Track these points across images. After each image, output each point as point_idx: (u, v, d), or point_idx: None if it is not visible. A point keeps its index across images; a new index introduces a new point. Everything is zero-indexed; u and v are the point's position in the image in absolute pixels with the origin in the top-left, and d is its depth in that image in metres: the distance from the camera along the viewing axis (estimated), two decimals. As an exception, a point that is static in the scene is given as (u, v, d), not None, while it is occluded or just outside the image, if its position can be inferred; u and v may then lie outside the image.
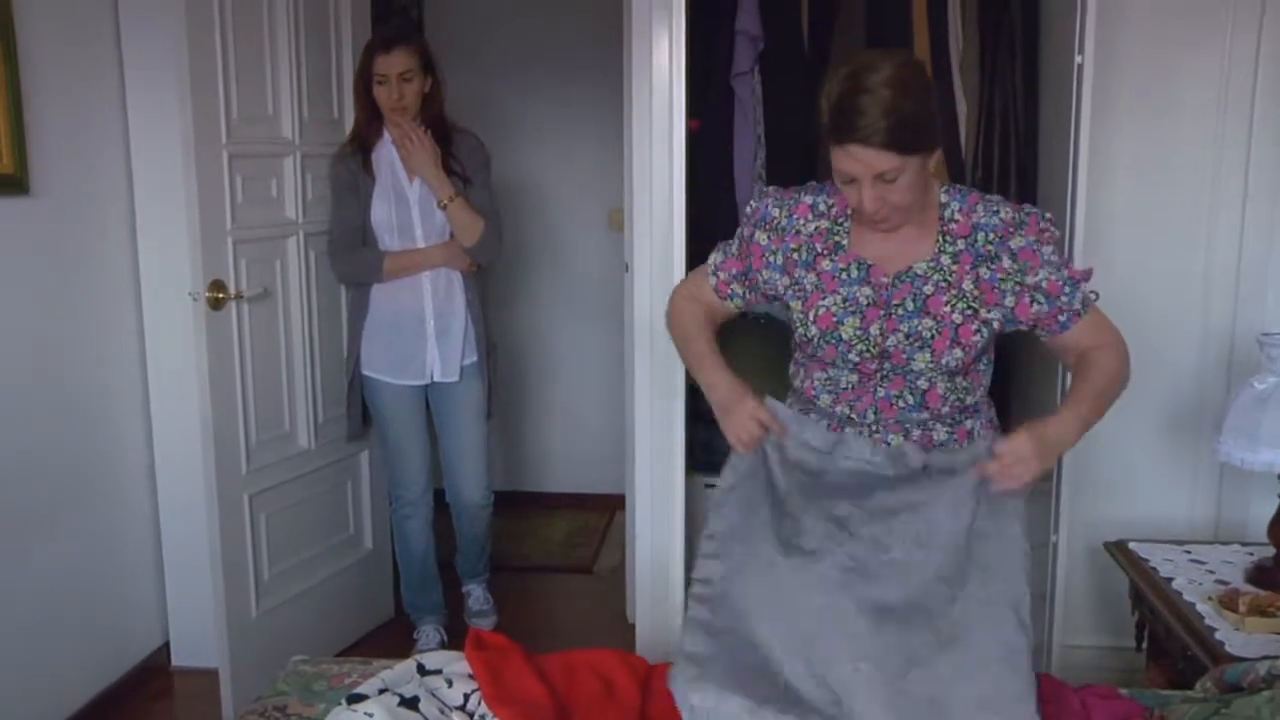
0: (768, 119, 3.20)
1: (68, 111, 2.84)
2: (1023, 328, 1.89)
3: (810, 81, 3.15)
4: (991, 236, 1.83)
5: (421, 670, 1.86)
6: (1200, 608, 2.21)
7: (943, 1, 3.06)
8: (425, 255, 3.11)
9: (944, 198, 1.87)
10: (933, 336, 1.83)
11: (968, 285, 1.83)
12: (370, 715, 1.66)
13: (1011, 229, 1.83)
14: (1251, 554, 2.48)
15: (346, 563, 3.43)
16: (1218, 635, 2.09)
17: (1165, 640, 2.32)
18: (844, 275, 1.87)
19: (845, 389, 1.92)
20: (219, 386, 2.87)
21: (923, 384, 1.87)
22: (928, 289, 1.84)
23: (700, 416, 3.31)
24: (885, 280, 1.85)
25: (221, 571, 2.92)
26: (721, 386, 1.92)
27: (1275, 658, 1.81)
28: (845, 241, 1.88)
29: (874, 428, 1.90)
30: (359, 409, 3.29)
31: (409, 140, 3.01)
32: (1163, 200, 2.97)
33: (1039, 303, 1.83)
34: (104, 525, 3.03)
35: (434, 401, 3.27)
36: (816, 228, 1.90)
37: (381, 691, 1.76)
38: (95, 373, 2.99)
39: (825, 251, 1.89)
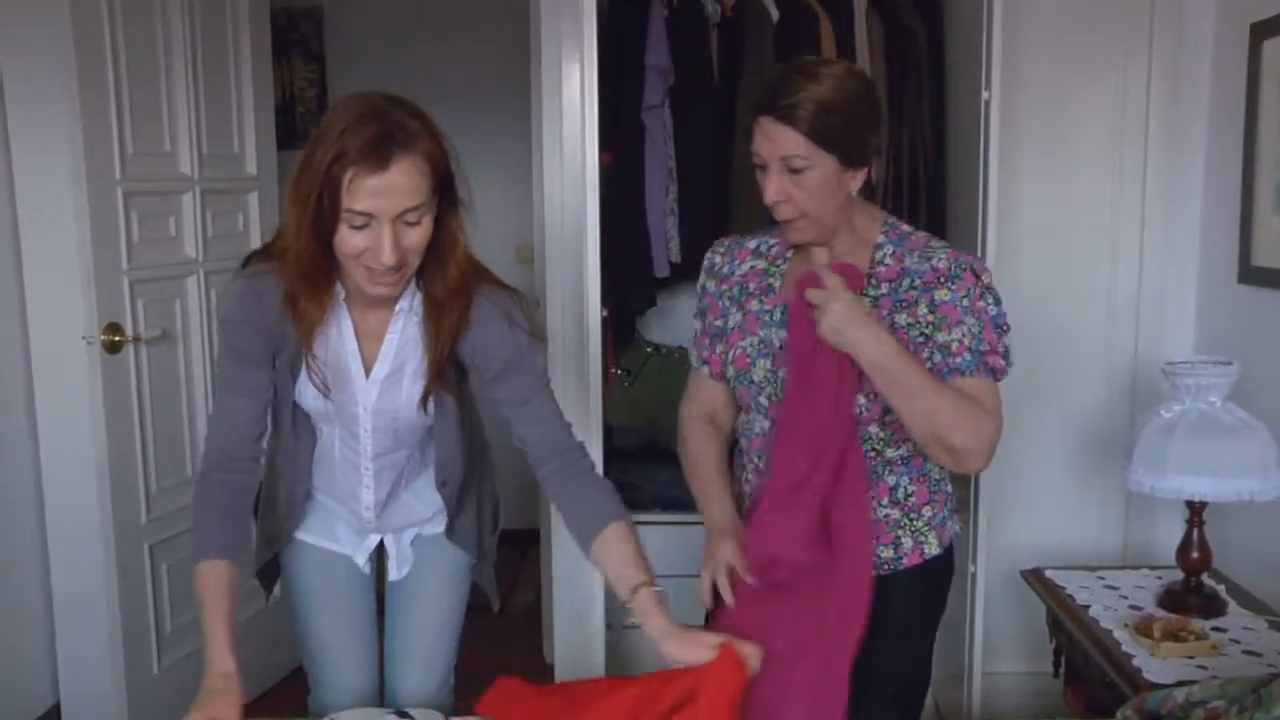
0: (679, 152, 3.19)
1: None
2: None
3: (719, 116, 3.19)
4: (917, 283, 1.74)
5: None
6: (1117, 634, 2.24)
7: (850, 37, 3.11)
8: (213, 644, 1.74)
9: (880, 238, 1.81)
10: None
11: None
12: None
13: (942, 279, 1.72)
14: (1160, 578, 2.53)
15: (252, 612, 3.30)
16: (1135, 662, 2.12)
17: (1084, 667, 2.35)
18: (767, 318, 1.84)
19: (758, 435, 1.87)
20: (116, 433, 2.76)
21: None
22: None
23: (618, 454, 3.29)
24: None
25: (120, 626, 2.81)
26: (709, 524, 1.88)
27: (1192, 683, 1.84)
28: (777, 284, 1.85)
29: None
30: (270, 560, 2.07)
31: None
32: (1065, 230, 3.05)
33: (934, 360, 1.71)
34: (-9, 581, 2.88)
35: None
36: (752, 268, 1.88)
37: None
38: (-20, 421, 2.85)
39: (756, 292, 1.86)
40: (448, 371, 1.78)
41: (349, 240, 1.57)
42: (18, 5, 2.68)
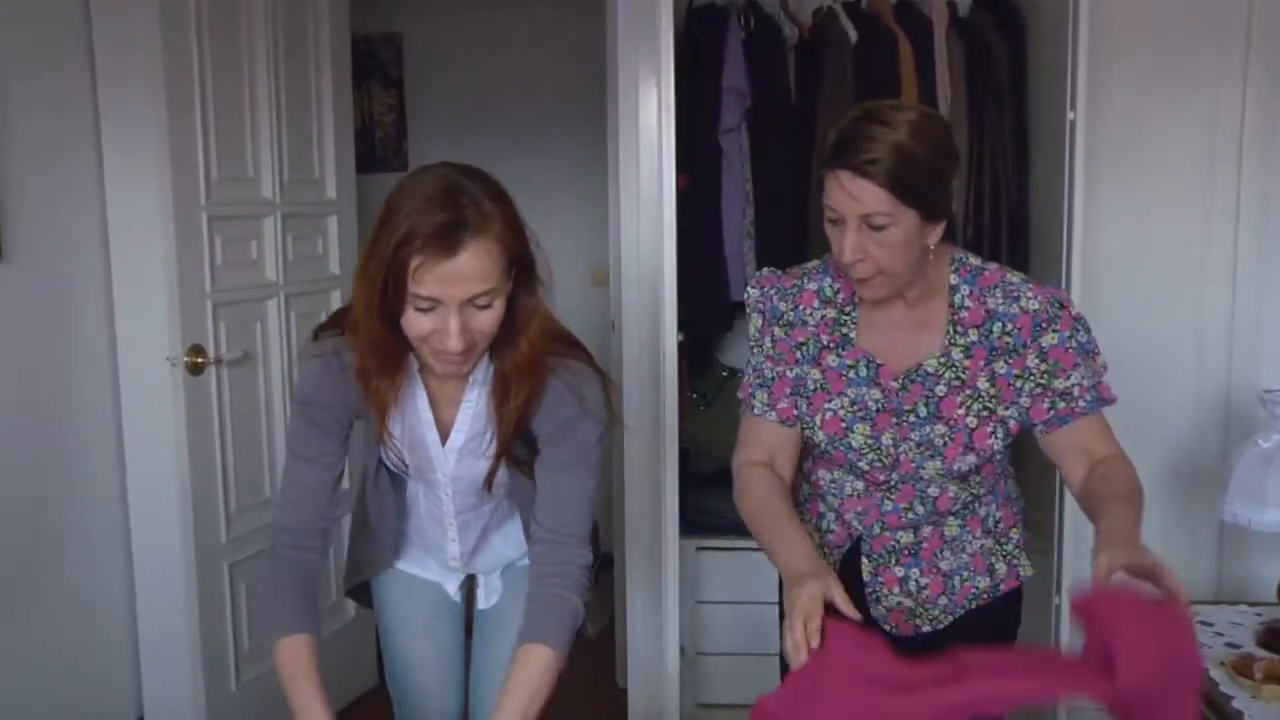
0: (756, 175, 3.16)
1: (42, 173, 2.77)
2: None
3: (797, 138, 3.16)
4: (1010, 328, 1.67)
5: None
6: (1214, 674, 2.16)
7: (930, 57, 3.06)
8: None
9: (953, 279, 1.71)
10: (945, 444, 1.69)
11: (983, 384, 1.68)
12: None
13: (1044, 323, 1.66)
14: (1259, 614, 2.43)
15: (330, 630, 3.32)
16: (1235, 704, 2.04)
17: (1176, 706, 2.26)
18: (851, 374, 1.72)
19: (850, 496, 1.79)
20: (198, 452, 2.80)
21: (933, 491, 1.74)
22: (940, 389, 1.69)
23: (694, 479, 3.26)
24: (895, 384, 1.70)
25: (200, 644, 2.84)
26: (789, 567, 1.58)
27: (1297, 728, 1.76)
28: (853, 334, 1.73)
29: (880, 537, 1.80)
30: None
31: None
32: (1154, 255, 2.97)
33: (1056, 407, 1.67)
34: (76, 596, 2.93)
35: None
36: (823, 317, 1.75)
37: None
38: (69, 439, 2.90)
39: (832, 345, 1.74)
40: (517, 447, 1.72)
41: (416, 323, 1.51)
42: (114, 38, 2.76)
